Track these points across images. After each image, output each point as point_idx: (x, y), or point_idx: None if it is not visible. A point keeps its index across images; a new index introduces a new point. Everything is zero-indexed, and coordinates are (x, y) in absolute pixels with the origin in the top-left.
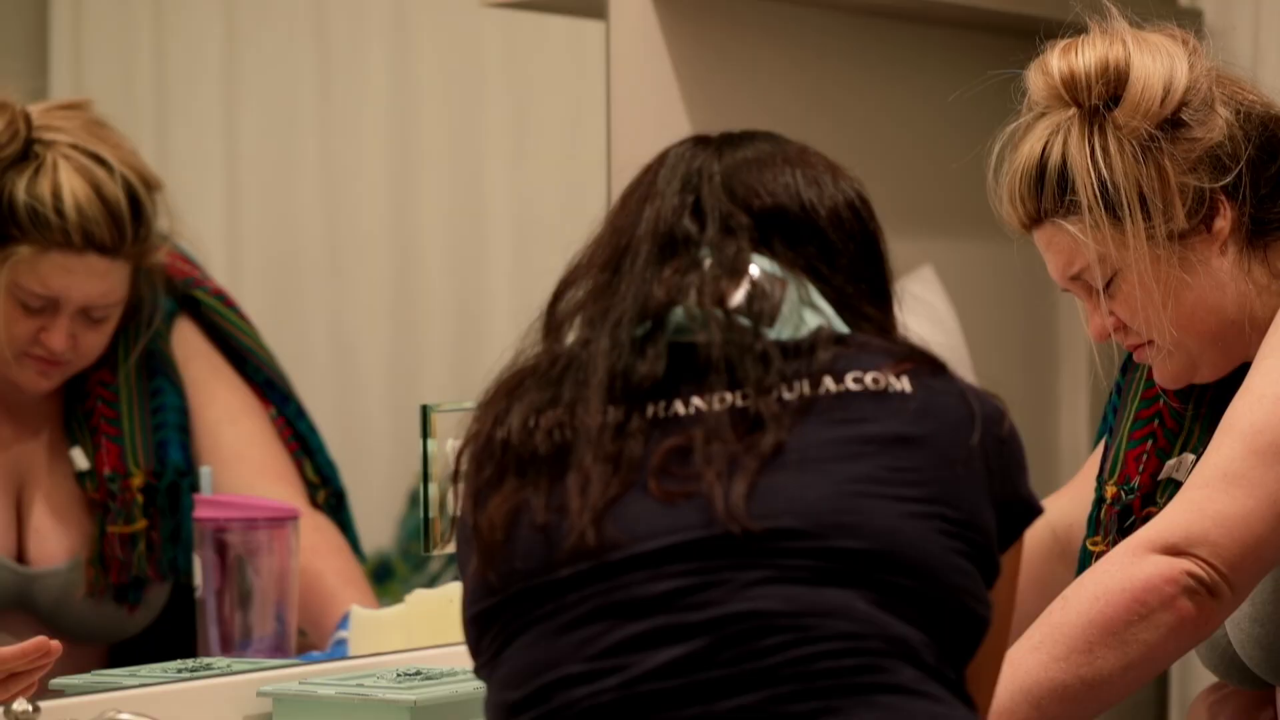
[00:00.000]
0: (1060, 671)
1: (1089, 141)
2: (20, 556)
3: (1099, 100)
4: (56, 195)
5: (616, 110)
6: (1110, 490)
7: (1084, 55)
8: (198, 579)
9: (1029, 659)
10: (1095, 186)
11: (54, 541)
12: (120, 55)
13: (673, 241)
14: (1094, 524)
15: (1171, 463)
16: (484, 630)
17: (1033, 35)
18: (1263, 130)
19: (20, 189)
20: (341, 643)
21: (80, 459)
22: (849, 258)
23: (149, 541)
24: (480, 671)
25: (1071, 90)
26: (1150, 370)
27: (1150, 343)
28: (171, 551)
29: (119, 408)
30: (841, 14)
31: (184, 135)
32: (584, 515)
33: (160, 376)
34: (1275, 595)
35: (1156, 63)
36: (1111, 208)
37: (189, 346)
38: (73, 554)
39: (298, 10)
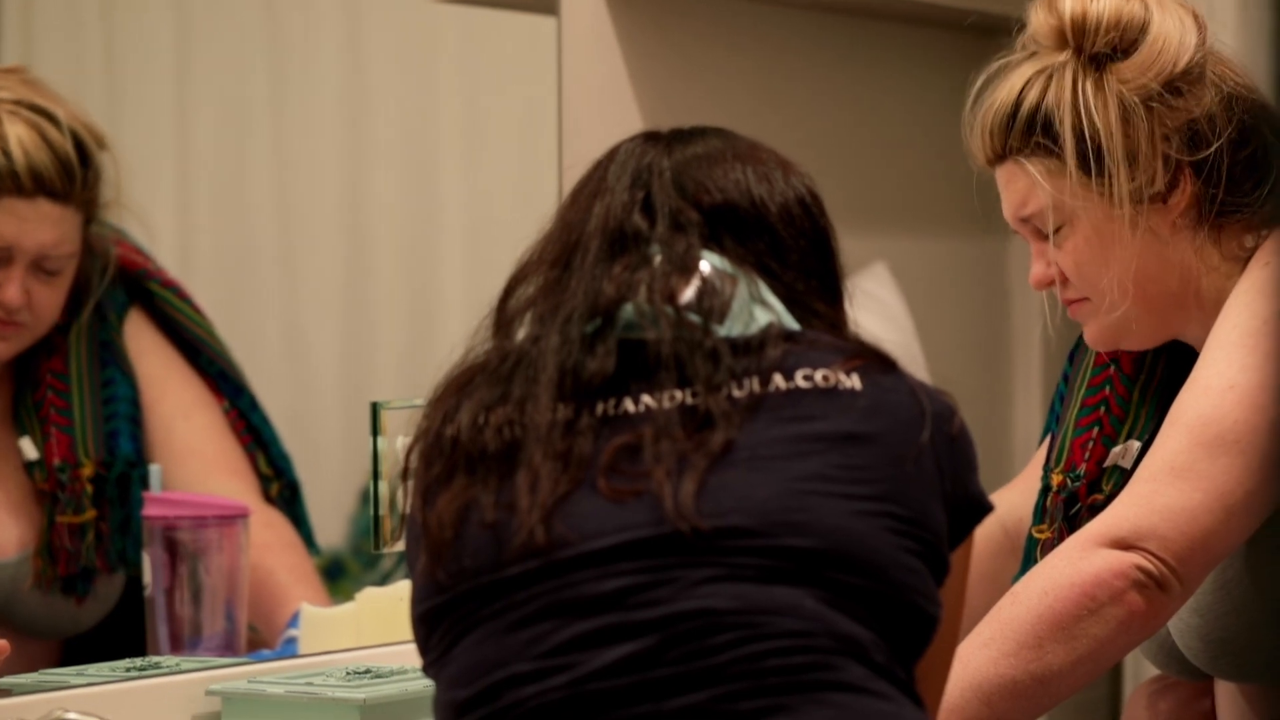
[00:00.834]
0: (1010, 667)
1: (1080, 88)
2: None
3: (1104, 49)
4: (3, 142)
5: (568, 107)
6: (1056, 478)
7: (1100, 1)
8: (147, 577)
9: (979, 655)
10: (1073, 132)
11: (2, 533)
12: (71, 53)
13: (623, 238)
14: (1040, 512)
15: (1117, 450)
16: (433, 628)
17: (988, 31)
18: (1244, 115)
19: None
20: (291, 641)
21: (29, 449)
22: (799, 254)
23: (98, 532)
24: (429, 670)
25: (1078, 34)
26: (1096, 358)
27: (1086, 300)
28: (121, 543)
29: (70, 398)
30: (795, 10)
31: (136, 132)
32: (533, 513)
33: (112, 367)
34: (1215, 587)
35: (1173, 25)
36: (1084, 157)
37: (142, 340)
38: (21, 546)
39: (250, 6)
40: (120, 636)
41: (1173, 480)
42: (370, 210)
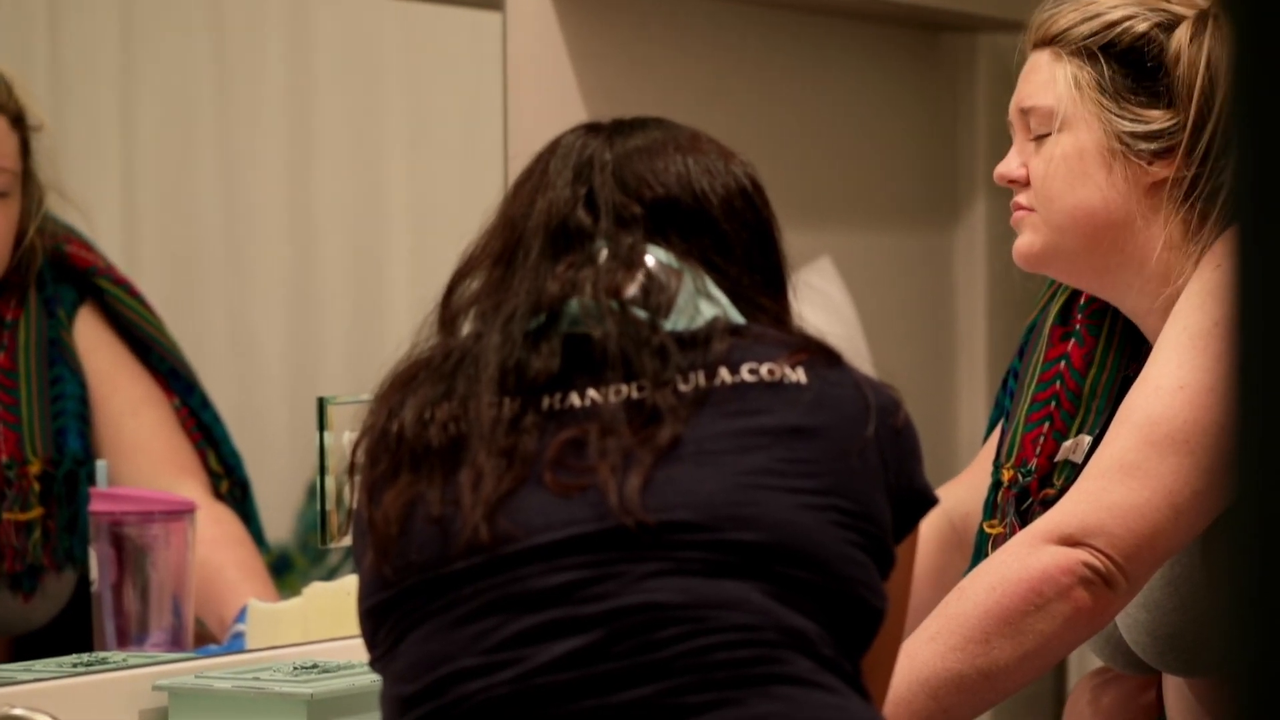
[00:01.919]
0: (957, 662)
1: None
2: None
3: None
4: None
5: (513, 102)
6: (1007, 473)
7: None
8: (94, 572)
9: (925, 650)
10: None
11: None
12: (16, 52)
13: (566, 234)
14: (990, 507)
15: (1068, 444)
16: (379, 623)
17: (929, 27)
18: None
19: None
20: (239, 636)
21: None
22: (743, 248)
23: (45, 530)
24: (375, 665)
25: None
26: (1047, 353)
27: (1034, 211)
28: (68, 541)
29: (17, 394)
30: (739, 6)
31: (81, 128)
32: (476, 511)
33: (60, 365)
34: (1164, 583)
35: None
36: (1140, 74)
37: (92, 337)
38: None
39: (193, 3)
40: (72, 633)
41: (1122, 478)
42: (316, 206)
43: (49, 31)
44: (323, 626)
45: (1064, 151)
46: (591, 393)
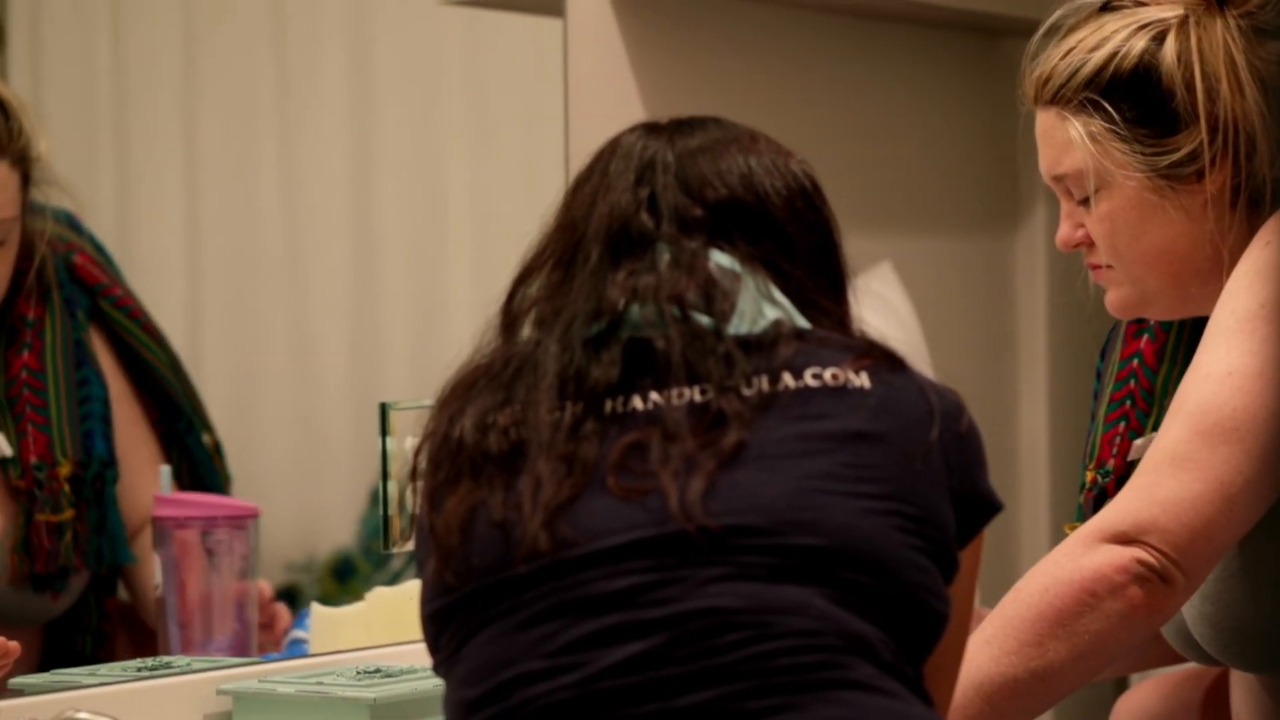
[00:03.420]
0: (1011, 665)
1: (1223, 39)
2: None
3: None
4: None
5: (574, 108)
6: (1089, 475)
7: None
8: (157, 578)
9: (981, 653)
10: (1184, 85)
11: None
12: (79, 59)
13: (627, 238)
14: (1078, 510)
15: (1139, 442)
16: (442, 628)
17: (989, 32)
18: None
19: None
20: (296, 642)
21: (4, 445)
22: (805, 249)
23: (75, 531)
24: (439, 669)
25: None
26: (1122, 350)
27: (1110, 266)
28: (97, 542)
29: (46, 396)
30: (800, 11)
31: (144, 136)
32: (536, 518)
33: (87, 367)
34: (1226, 574)
35: None
36: (1161, 114)
37: (96, 354)
38: None
39: (256, 7)
40: (91, 618)
41: (1173, 471)
42: (378, 212)
43: (112, 40)
44: (386, 631)
45: (1113, 209)
46: (654, 396)
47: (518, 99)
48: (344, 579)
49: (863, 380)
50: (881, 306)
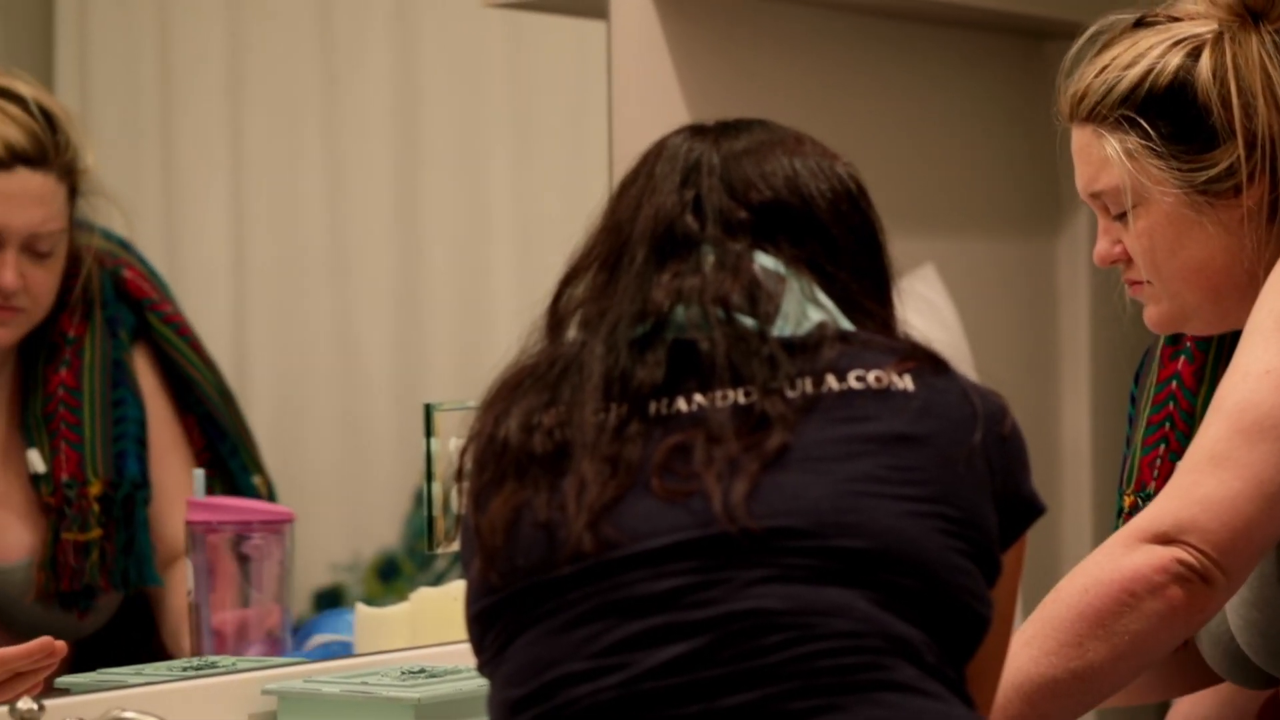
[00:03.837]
0: (1050, 666)
1: (1258, 52)
2: None
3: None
4: None
5: (618, 110)
6: (1128, 500)
7: None
8: (190, 583)
9: (1021, 654)
10: (1220, 101)
11: (4, 539)
12: (125, 59)
13: (672, 240)
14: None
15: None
16: (487, 628)
17: (1033, 34)
18: None
19: None
20: (325, 645)
21: (37, 461)
22: (850, 251)
23: (102, 551)
24: (483, 669)
25: (1269, 2)
26: (1159, 374)
27: (1148, 282)
28: (124, 563)
29: (81, 414)
30: (843, 13)
31: (189, 136)
32: (580, 519)
33: (124, 387)
34: (1274, 578)
35: None
36: (1198, 131)
37: (140, 383)
38: (24, 553)
39: (301, 11)
40: (121, 640)
41: (1213, 470)
42: (422, 214)
43: (158, 44)
44: (430, 631)
45: (1150, 225)
46: (699, 398)
47: (561, 101)
48: (388, 579)
49: (906, 383)
50: (924, 308)
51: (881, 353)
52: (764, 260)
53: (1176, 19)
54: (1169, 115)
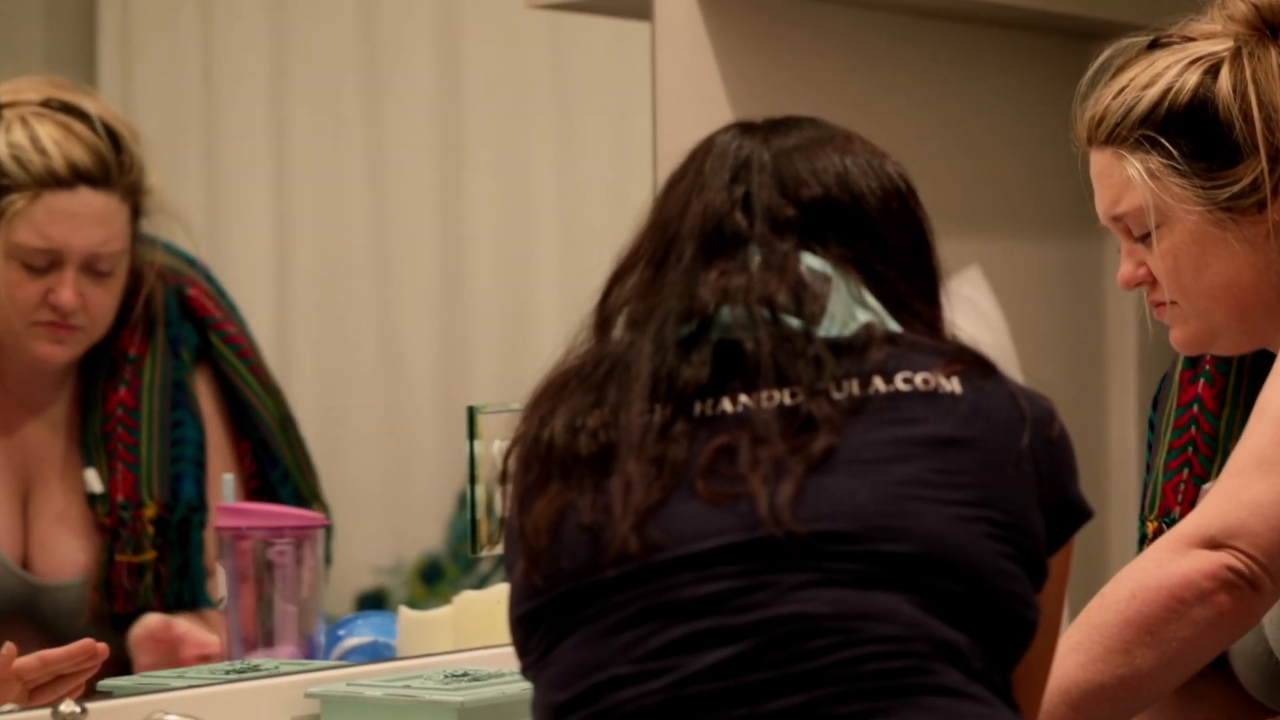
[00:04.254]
0: (1098, 673)
1: (1250, 66)
2: (24, 565)
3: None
4: (34, 139)
5: (662, 111)
6: (1152, 525)
7: None
8: (221, 590)
9: (1067, 660)
10: (1241, 116)
11: (59, 556)
12: (168, 60)
13: (720, 237)
14: None
15: (1207, 486)
16: (530, 631)
17: (1079, 35)
18: None
19: None
20: (359, 648)
21: (94, 481)
22: (900, 251)
23: (156, 573)
24: (527, 672)
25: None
26: (1179, 398)
27: (1174, 303)
28: (177, 586)
29: (139, 435)
30: (888, 14)
31: (232, 138)
32: (626, 520)
33: (183, 409)
34: None
35: None
36: (1219, 148)
37: (200, 394)
38: (77, 572)
39: (344, 13)
40: None
41: (1260, 474)
42: (466, 215)
43: (201, 44)
44: (473, 635)
45: (1174, 244)
46: (744, 398)
47: (605, 102)
48: (431, 582)
49: (954, 385)
50: (970, 310)
51: (928, 355)
52: (811, 261)
53: (1191, 39)
54: (1190, 133)
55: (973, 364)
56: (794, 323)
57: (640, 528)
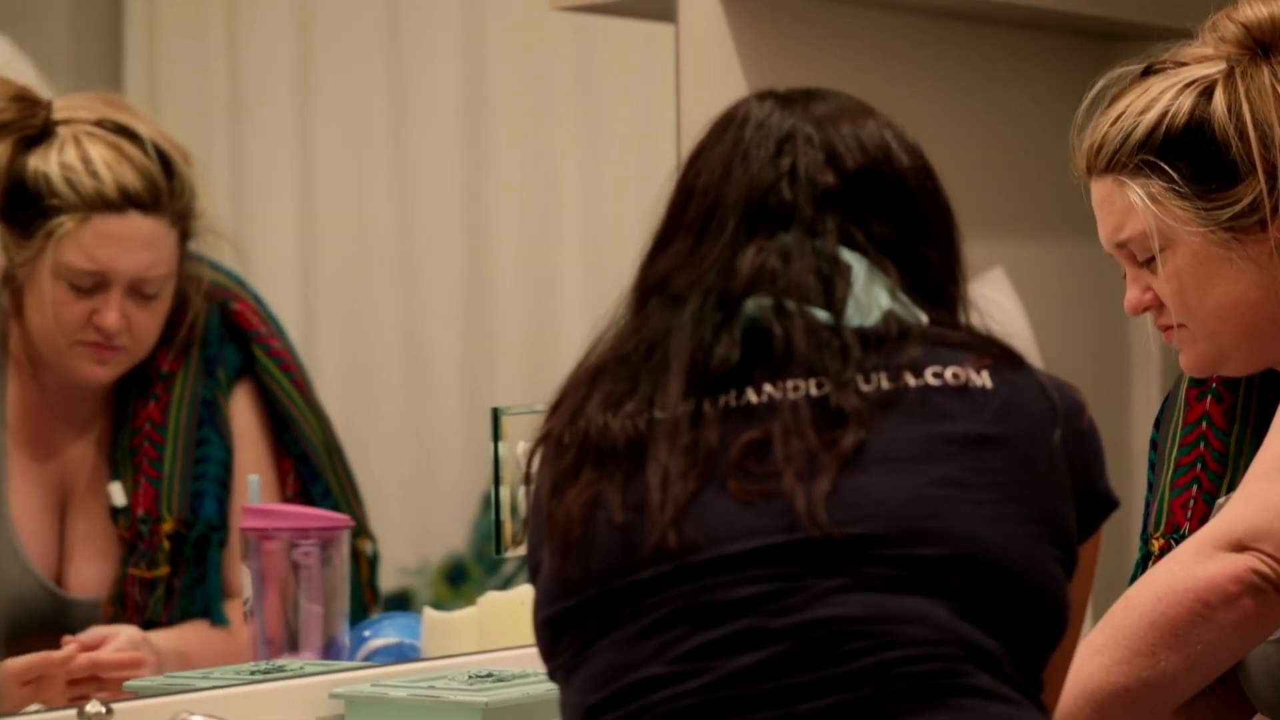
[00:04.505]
0: (1122, 676)
1: (1268, 88)
2: (57, 579)
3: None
4: (87, 161)
5: (686, 113)
6: (1158, 543)
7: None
8: (247, 591)
9: (1091, 662)
10: (1235, 135)
11: (89, 571)
12: (194, 63)
13: (765, 210)
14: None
15: (1220, 501)
16: (559, 633)
17: (1103, 37)
18: None
19: (50, 163)
20: (384, 649)
21: (118, 494)
22: (935, 229)
23: (168, 588)
24: (556, 674)
25: (1272, 34)
26: (1186, 416)
27: (1183, 326)
28: (188, 601)
29: (163, 450)
30: (911, 15)
31: (258, 141)
32: (665, 512)
33: (209, 427)
34: None
35: None
36: (1218, 168)
37: (239, 422)
38: (101, 588)
39: (369, 16)
40: None
41: None
42: (490, 217)
43: (226, 47)
44: (498, 635)
45: (1179, 267)
46: (768, 388)
47: (629, 104)
48: (456, 583)
49: (984, 379)
50: (994, 312)
51: (957, 348)
52: (845, 254)
53: (1183, 63)
54: (1188, 156)
55: (1002, 357)
56: (821, 315)
57: (679, 522)
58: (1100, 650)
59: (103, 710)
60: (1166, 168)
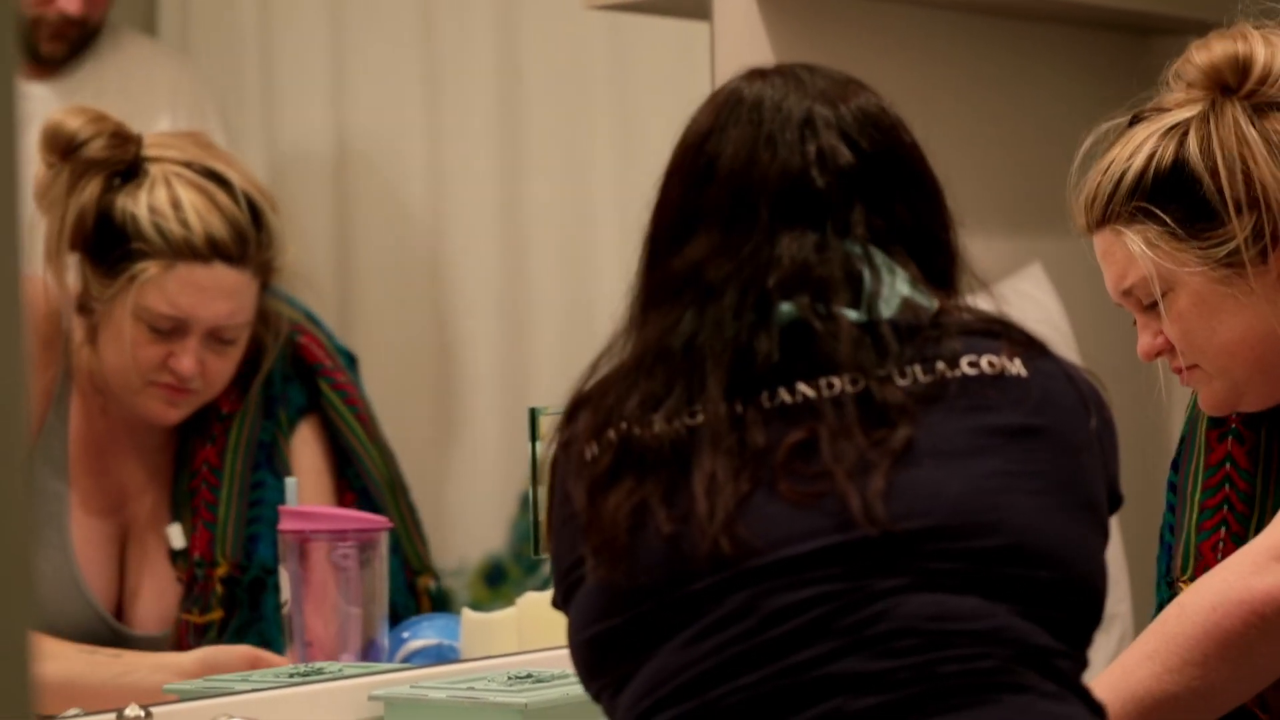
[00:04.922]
0: (1172, 683)
1: (1242, 126)
2: (116, 614)
3: (1265, 92)
4: (177, 206)
5: None
6: (1184, 586)
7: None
8: (285, 593)
9: (1141, 668)
10: (1225, 174)
11: (147, 608)
12: (227, 65)
13: (796, 198)
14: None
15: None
16: (605, 652)
17: (1137, 31)
18: None
19: (140, 204)
20: (421, 650)
21: (177, 537)
22: (938, 207)
23: (221, 631)
24: (601, 694)
25: (1242, 75)
26: (1208, 459)
27: (1197, 367)
28: (238, 642)
29: (219, 493)
30: (946, 12)
31: (292, 140)
32: (715, 519)
33: (265, 469)
34: None
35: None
36: (1206, 209)
37: (302, 459)
38: (164, 626)
39: (403, 16)
40: None
41: None
42: (527, 216)
43: (260, 45)
44: (537, 636)
45: (1183, 308)
46: (802, 387)
47: (664, 103)
48: (495, 584)
49: (1018, 368)
50: (1032, 309)
51: (986, 336)
52: (872, 251)
53: (1165, 109)
54: (1177, 198)
55: (1028, 344)
56: (853, 312)
57: (731, 527)
58: (1151, 656)
59: (142, 714)
60: (1159, 212)
